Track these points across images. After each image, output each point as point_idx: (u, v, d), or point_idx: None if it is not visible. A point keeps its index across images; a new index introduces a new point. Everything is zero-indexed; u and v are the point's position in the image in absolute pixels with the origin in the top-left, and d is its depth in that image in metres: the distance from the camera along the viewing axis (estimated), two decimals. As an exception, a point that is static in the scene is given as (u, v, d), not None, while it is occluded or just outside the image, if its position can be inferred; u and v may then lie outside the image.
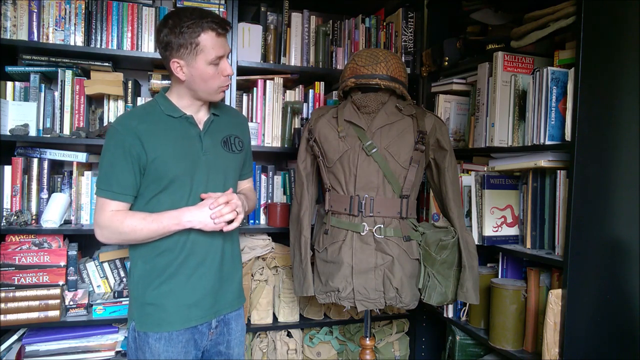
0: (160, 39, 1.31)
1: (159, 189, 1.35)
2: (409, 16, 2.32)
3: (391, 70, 1.63)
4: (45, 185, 1.96)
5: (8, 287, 1.86)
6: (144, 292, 1.38)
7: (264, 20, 2.20)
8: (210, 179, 1.41)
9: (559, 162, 1.60)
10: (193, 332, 1.40)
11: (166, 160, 1.33)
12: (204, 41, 1.29)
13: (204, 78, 1.33)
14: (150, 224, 1.31)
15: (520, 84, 1.74)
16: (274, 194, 2.26)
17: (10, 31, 1.88)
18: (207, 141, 1.41)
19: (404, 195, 1.66)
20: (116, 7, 1.98)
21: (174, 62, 1.32)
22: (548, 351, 1.51)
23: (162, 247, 1.37)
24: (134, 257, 1.41)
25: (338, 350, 2.28)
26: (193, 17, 1.28)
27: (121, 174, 1.32)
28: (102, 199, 1.34)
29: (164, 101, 1.39)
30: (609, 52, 1.48)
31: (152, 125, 1.35)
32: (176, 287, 1.38)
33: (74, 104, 1.99)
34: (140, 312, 1.38)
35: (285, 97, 2.26)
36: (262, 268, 2.19)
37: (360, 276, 1.62)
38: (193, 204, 1.37)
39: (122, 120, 1.36)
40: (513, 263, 1.88)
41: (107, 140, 1.34)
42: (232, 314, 1.50)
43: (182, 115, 1.38)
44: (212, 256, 1.42)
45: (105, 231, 1.34)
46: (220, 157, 1.44)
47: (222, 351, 1.49)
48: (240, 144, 1.51)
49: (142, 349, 1.36)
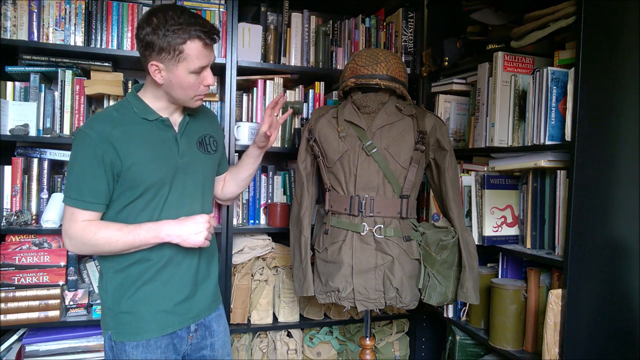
0: (140, 37, 1.21)
1: (134, 196, 1.28)
2: (409, 16, 2.32)
3: (391, 70, 1.63)
4: (45, 185, 1.96)
5: (8, 287, 1.86)
6: (119, 301, 1.31)
7: (264, 20, 2.20)
8: (187, 183, 1.36)
9: (559, 162, 1.60)
10: (172, 337, 1.35)
11: (143, 167, 1.26)
12: (189, 50, 1.20)
13: (183, 86, 1.26)
14: (126, 236, 1.24)
15: (520, 84, 1.74)
16: (274, 194, 2.26)
17: (10, 31, 1.88)
18: (183, 144, 1.35)
19: (404, 195, 1.67)
20: (116, 7, 1.98)
21: (153, 65, 1.23)
22: (548, 351, 1.51)
23: (136, 257, 1.30)
24: (105, 267, 1.34)
25: (338, 350, 2.28)
26: (180, 21, 1.18)
27: (93, 182, 1.23)
28: (72, 208, 1.24)
29: (137, 103, 1.31)
30: (609, 52, 1.48)
31: (126, 129, 1.26)
32: (152, 294, 1.32)
33: (74, 104, 1.99)
34: (116, 321, 1.32)
35: (285, 97, 2.26)
36: (262, 268, 2.19)
37: (360, 276, 1.62)
38: (169, 210, 1.32)
39: (93, 124, 1.25)
40: (513, 263, 1.88)
41: (76, 146, 1.24)
42: (212, 315, 1.46)
43: (158, 118, 1.31)
44: (189, 263, 1.38)
45: (75, 242, 1.25)
46: (197, 159, 1.39)
47: (207, 355, 1.44)
48: (215, 144, 1.47)
49: (119, 357, 1.31)
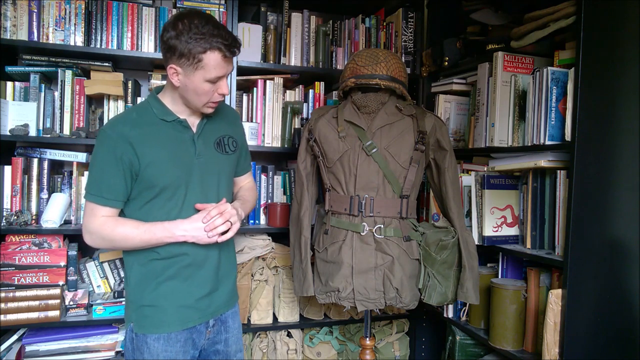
0: (164, 39, 1.27)
1: (152, 195, 1.33)
2: (409, 16, 2.32)
3: (391, 70, 1.63)
4: (45, 185, 1.96)
5: (8, 287, 1.86)
6: (142, 294, 1.37)
7: (264, 20, 2.20)
8: (204, 184, 1.39)
9: (559, 162, 1.60)
10: (191, 331, 1.40)
11: (160, 166, 1.31)
12: (208, 59, 1.25)
13: (197, 92, 1.30)
14: (142, 234, 1.30)
15: (520, 84, 1.74)
16: (274, 194, 2.26)
17: (10, 31, 1.88)
18: (200, 144, 1.39)
19: (404, 195, 1.66)
20: (116, 7, 1.98)
21: (172, 68, 1.28)
22: (548, 351, 1.51)
23: (161, 254, 1.35)
24: (130, 261, 1.39)
25: (338, 350, 2.28)
26: (204, 31, 1.22)
27: (112, 179, 1.29)
28: (92, 204, 1.32)
29: (157, 104, 1.36)
30: (609, 52, 1.48)
31: (144, 130, 1.32)
32: (174, 289, 1.37)
33: (74, 104, 1.99)
34: (139, 314, 1.37)
35: (285, 97, 2.26)
36: (262, 268, 2.19)
37: (360, 276, 1.62)
38: (187, 209, 1.36)
39: (113, 125, 1.32)
40: (513, 263, 1.88)
41: (98, 145, 1.31)
42: (229, 312, 1.51)
43: (176, 119, 1.36)
44: (211, 261, 1.42)
45: (95, 237, 1.33)
46: (214, 160, 1.42)
47: (220, 350, 1.49)
48: (234, 144, 1.49)
49: (140, 349, 1.36)
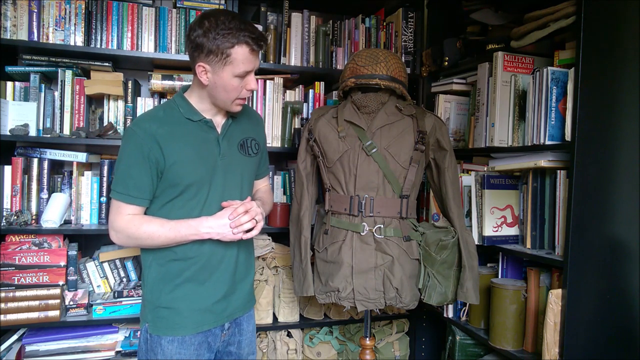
0: (191, 38, 1.28)
1: (175, 194, 1.34)
2: (409, 16, 2.32)
3: (391, 70, 1.63)
4: (45, 185, 1.96)
5: (8, 287, 1.86)
6: (159, 295, 1.37)
7: (264, 20, 2.20)
8: (227, 184, 1.40)
9: (559, 162, 1.60)
10: (207, 334, 1.40)
11: (185, 165, 1.32)
12: (236, 54, 1.26)
13: (227, 89, 1.31)
14: (167, 232, 1.31)
15: (520, 84, 1.74)
16: (274, 194, 2.26)
17: (10, 31, 1.88)
18: (224, 145, 1.40)
19: (404, 195, 1.66)
20: (116, 7, 1.98)
21: (200, 66, 1.29)
22: (548, 351, 1.51)
23: (178, 254, 1.36)
24: (148, 260, 1.39)
25: (338, 350, 2.28)
26: (231, 26, 1.24)
27: (139, 177, 1.30)
28: (118, 202, 1.32)
29: (183, 103, 1.38)
30: (609, 52, 1.48)
31: (171, 128, 1.33)
32: (191, 292, 1.37)
33: (74, 104, 1.99)
34: (154, 315, 1.37)
35: (285, 97, 2.26)
36: (262, 268, 2.19)
37: (360, 276, 1.62)
38: (209, 209, 1.36)
39: (141, 123, 1.33)
40: (513, 263, 1.88)
41: (124, 143, 1.32)
42: (244, 315, 1.51)
43: (202, 119, 1.37)
44: (227, 262, 1.42)
45: (121, 235, 1.33)
46: (237, 161, 1.43)
47: (233, 351, 1.49)
48: (256, 147, 1.50)
49: (154, 350, 1.36)
